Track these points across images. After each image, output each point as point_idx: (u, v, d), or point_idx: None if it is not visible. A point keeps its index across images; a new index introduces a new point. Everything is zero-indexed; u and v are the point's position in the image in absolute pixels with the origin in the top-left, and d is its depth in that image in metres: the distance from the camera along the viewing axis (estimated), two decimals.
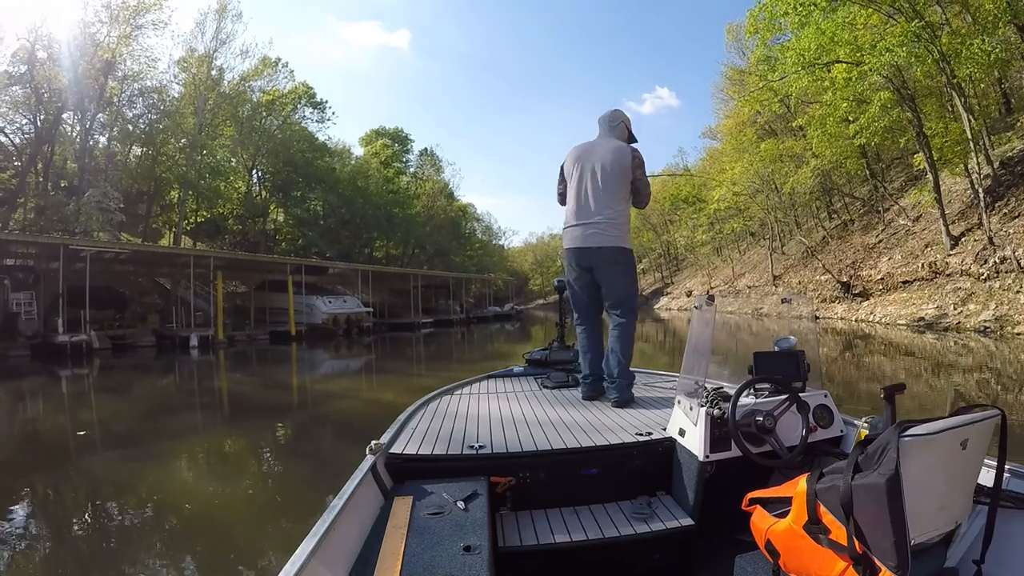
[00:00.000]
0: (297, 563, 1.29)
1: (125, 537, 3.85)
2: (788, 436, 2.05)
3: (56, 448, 6.59)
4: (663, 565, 2.19)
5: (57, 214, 24.90)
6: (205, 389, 11.94)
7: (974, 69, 13.34)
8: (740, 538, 1.82)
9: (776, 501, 1.59)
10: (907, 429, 1.24)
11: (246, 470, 5.72)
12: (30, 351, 16.56)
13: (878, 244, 22.11)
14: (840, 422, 2.26)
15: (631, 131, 3.45)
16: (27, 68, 25.11)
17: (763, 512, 1.60)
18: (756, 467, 1.99)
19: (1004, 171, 17.20)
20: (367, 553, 1.55)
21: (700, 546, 2.16)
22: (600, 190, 3.20)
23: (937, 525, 1.33)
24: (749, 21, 20.73)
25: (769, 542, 1.52)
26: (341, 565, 1.48)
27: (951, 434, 1.27)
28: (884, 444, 1.26)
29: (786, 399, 2.09)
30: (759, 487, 1.75)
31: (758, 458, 1.97)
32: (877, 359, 11.73)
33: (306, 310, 24.93)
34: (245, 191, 39.09)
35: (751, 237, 42.18)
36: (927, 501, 1.27)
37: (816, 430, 2.15)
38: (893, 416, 1.82)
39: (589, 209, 3.20)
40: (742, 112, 31.54)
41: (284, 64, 39.14)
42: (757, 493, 1.67)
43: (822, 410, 2.22)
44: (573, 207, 3.25)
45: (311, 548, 1.36)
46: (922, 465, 1.24)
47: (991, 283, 13.82)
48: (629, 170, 3.22)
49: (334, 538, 1.49)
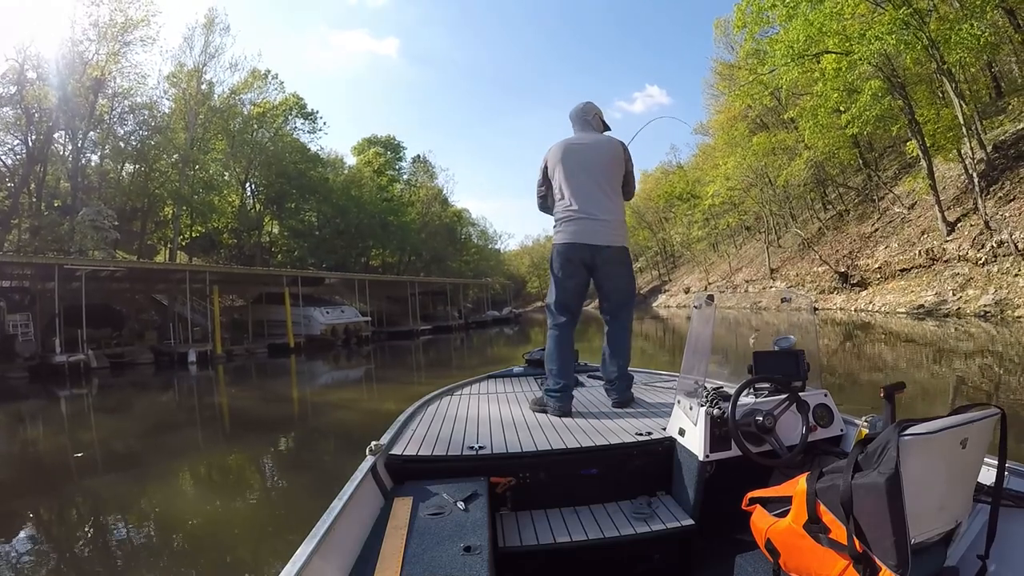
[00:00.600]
0: (297, 563, 1.29)
1: (125, 555, 3.79)
2: (788, 435, 2.05)
3: (54, 469, 6.51)
4: (663, 565, 2.19)
5: (51, 234, 24.83)
6: (205, 405, 11.85)
7: (964, 54, 13.38)
8: (740, 538, 1.82)
9: (776, 500, 1.59)
10: (907, 428, 1.24)
11: (246, 486, 5.65)
12: (28, 372, 16.43)
13: (874, 233, 22.12)
14: (840, 421, 2.27)
15: (604, 121, 3.35)
16: (16, 88, 25.07)
17: (763, 512, 1.60)
18: (756, 467, 1.99)
19: (998, 155, 17.21)
20: (367, 553, 1.55)
21: (700, 546, 2.16)
22: (602, 186, 3.11)
23: (937, 524, 1.33)
24: (737, 15, 20.79)
25: (769, 541, 1.52)
26: (341, 565, 1.48)
27: (951, 433, 1.28)
28: (884, 443, 1.26)
29: (786, 398, 2.09)
30: (759, 487, 1.74)
31: (758, 458, 1.97)
32: (878, 348, 11.69)
33: (304, 321, 24.79)
34: (239, 204, 39.02)
35: (746, 231, 42.23)
36: (927, 500, 1.27)
37: (816, 429, 2.16)
38: (893, 415, 1.84)
39: (593, 205, 3.08)
40: (733, 107, 31.60)
41: (274, 76, 39.19)
42: (757, 493, 1.67)
43: (822, 409, 2.22)
44: (572, 203, 3.08)
45: (311, 548, 1.36)
46: (922, 464, 1.24)
47: (989, 267, 13.81)
48: (623, 163, 3.17)
49: (334, 538, 1.49)
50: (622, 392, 3.08)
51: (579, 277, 3.13)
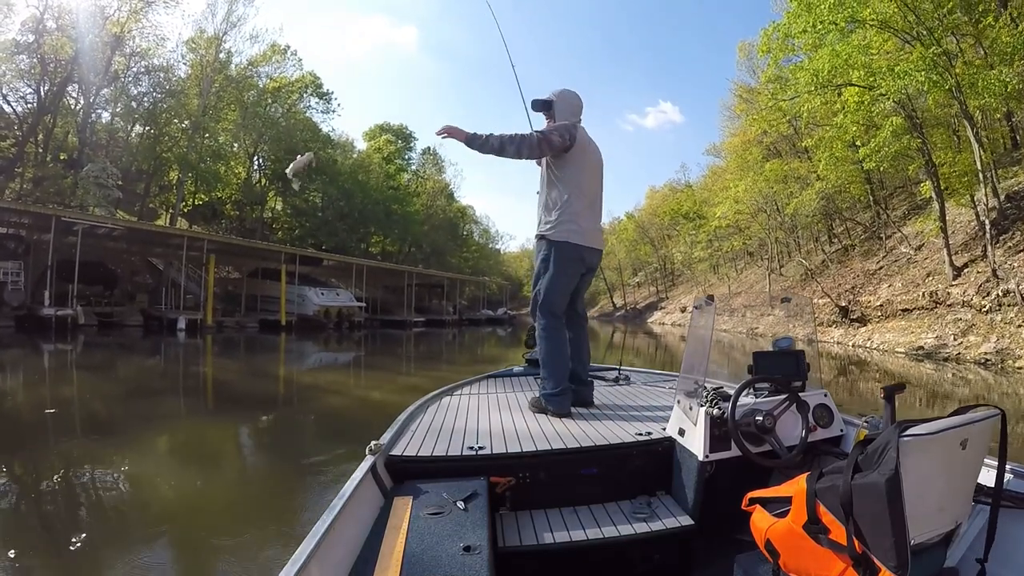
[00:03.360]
0: (297, 563, 1.28)
1: (80, 522, 3.60)
2: (788, 436, 2.06)
3: (21, 426, 6.31)
4: (663, 565, 2.18)
5: (54, 186, 24.65)
6: (189, 374, 11.66)
7: (990, 99, 13.28)
8: (740, 538, 1.82)
9: (776, 501, 1.58)
10: (907, 429, 1.24)
11: (218, 462, 5.45)
12: (14, 322, 16.28)
13: (879, 270, 22.03)
14: (840, 421, 2.28)
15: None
16: (35, 38, 24.87)
17: (763, 512, 1.59)
18: (756, 467, 1.99)
19: (1010, 205, 17.14)
20: (367, 553, 1.55)
21: (700, 546, 2.16)
22: (599, 190, 3.16)
23: (937, 525, 1.33)
24: (762, 40, 20.70)
25: (769, 542, 1.51)
26: (341, 565, 1.48)
27: (951, 434, 1.28)
28: (884, 444, 1.26)
29: (786, 399, 2.10)
30: (759, 487, 1.73)
31: (758, 458, 1.97)
32: (872, 385, 11.57)
33: (298, 300, 24.68)
34: (245, 177, 38.84)
35: (749, 257, 42.15)
36: (927, 501, 1.27)
37: (816, 430, 2.17)
38: (893, 416, 1.86)
39: (599, 208, 3.15)
40: (749, 131, 31.52)
41: (293, 52, 39.01)
42: (757, 493, 1.66)
43: (822, 409, 2.23)
44: (583, 202, 3.00)
45: (311, 548, 1.35)
46: (922, 465, 1.24)
47: (993, 315, 13.70)
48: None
49: (334, 538, 1.49)
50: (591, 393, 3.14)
51: (577, 278, 3.10)
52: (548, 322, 3.02)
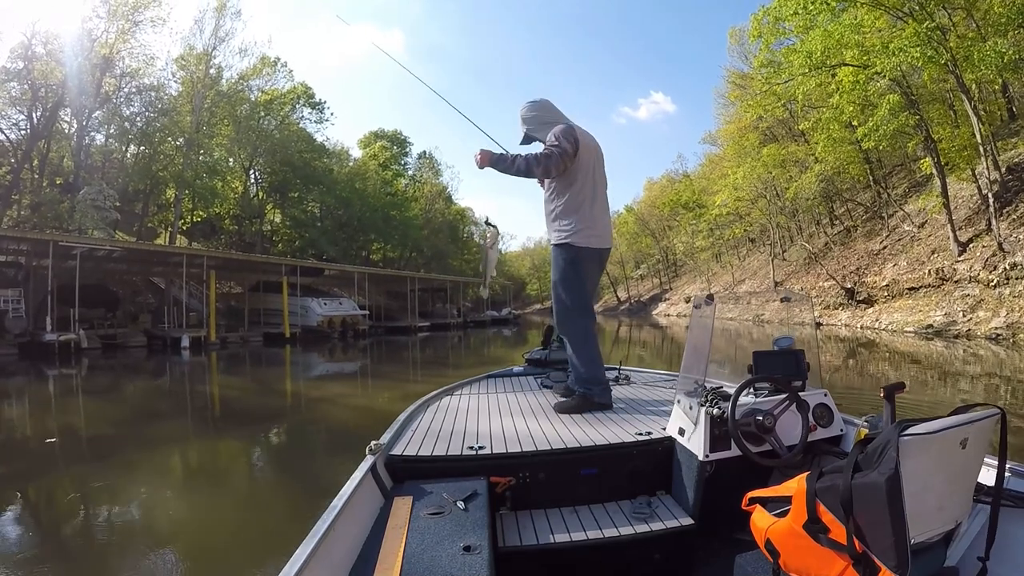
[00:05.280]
0: (297, 563, 1.28)
1: (90, 551, 3.53)
2: (788, 435, 2.06)
3: (25, 454, 6.24)
4: (663, 565, 2.18)
5: (52, 211, 24.61)
6: (196, 393, 11.59)
7: (986, 70, 13.13)
8: (740, 537, 1.83)
9: (776, 500, 1.58)
10: (907, 428, 1.24)
11: (227, 485, 5.37)
12: (18, 350, 16.23)
13: (882, 250, 21.89)
14: (840, 421, 2.28)
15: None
16: (24, 64, 24.85)
17: (763, 511, 1.60)
18: (756, 466, 1.99)
19: (1011, 176, 16.98)
20: (367, 553, 1.55)
21: (700, 546, 2.16)
22: (605, 181, 3.19)
23: (937, 524, 1.33)
24: (753, 25, 20.64)
25: (769, 541, 1.52)
26: (341, 565, 1.49)
27: (951, 433, 1.28)
28: (884, 443, 1.26)
29: (786, 398, 2.09)
30: (759, 486, 1.73)
31: (758, 457, 1.97)
32: (881, 367, 11.43)
33: (301, 312, 24.59)
34: (242, 191, 38.82)
35: (751, 243, 41.96)
36: (927, 500, 1.27)
37: (816, 429, 2.17)
38: (893, 415, 1.86)
39: (605, 205, 3.19)
40: (744, 117, 31.35)
41: (283, 64, 39.00)
42: (757, 492, 1.66)
43: (822, 409, 2.23)
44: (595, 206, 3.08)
45: (311, 548, 1.35)
46: (922, 464, 1.24)
47: (1001, 289, 13.56)
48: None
49: (334, 538, 1.49)
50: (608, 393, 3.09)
51: (593, 278, 3.23)
52: (587, 323, 3.16)
